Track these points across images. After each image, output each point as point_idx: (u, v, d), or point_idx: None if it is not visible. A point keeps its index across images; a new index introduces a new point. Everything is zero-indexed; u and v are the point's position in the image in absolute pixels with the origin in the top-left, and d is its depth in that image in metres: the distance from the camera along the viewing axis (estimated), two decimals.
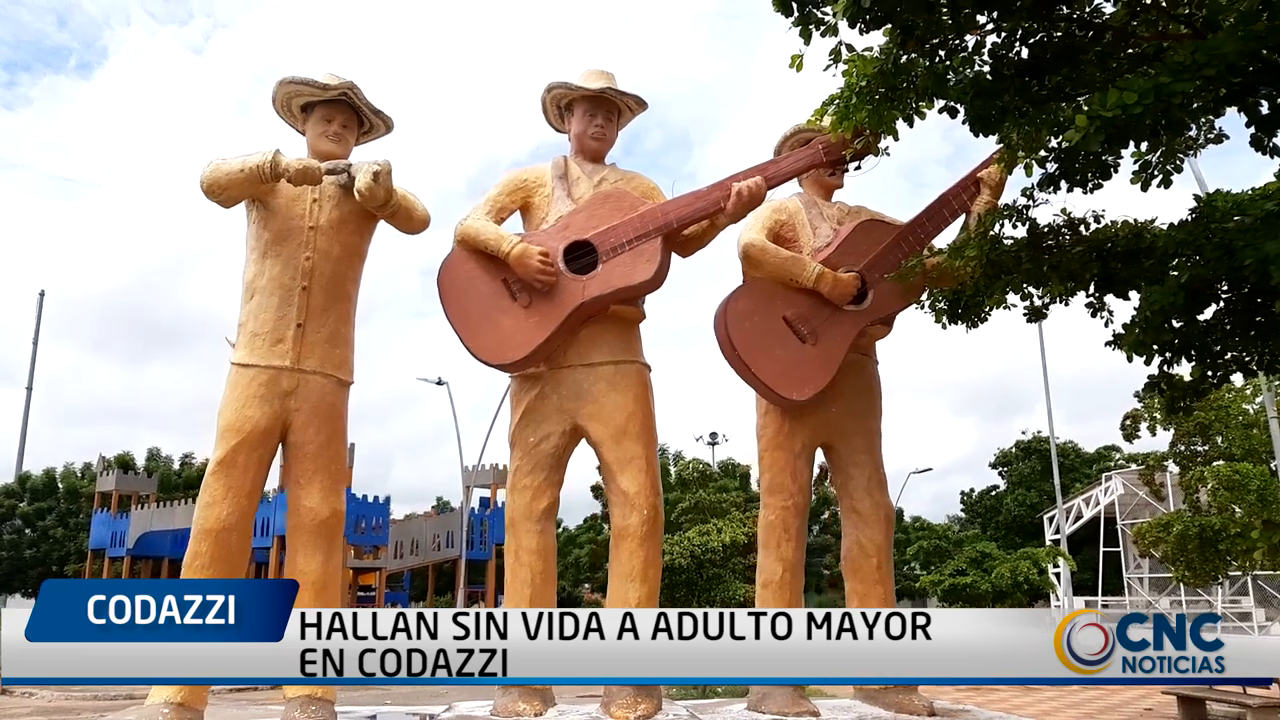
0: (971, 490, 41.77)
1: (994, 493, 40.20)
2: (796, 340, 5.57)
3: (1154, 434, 17.87)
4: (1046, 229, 5.11)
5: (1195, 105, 3.73)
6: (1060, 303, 5.67)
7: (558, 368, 5.51)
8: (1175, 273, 5.10)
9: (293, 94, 5.54)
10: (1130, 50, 4.28)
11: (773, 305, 5.60)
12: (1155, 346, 4.93)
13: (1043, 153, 5.15)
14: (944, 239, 5.94)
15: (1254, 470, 15.56)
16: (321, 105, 5.55)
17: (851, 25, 4.17)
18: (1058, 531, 30.84)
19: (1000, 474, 40.33)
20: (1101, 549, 31.62)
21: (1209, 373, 5.56)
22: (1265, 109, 4.00)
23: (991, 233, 5.15)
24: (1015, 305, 5.94)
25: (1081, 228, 5.13)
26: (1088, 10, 4.20)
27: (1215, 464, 16.59)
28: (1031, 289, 5.45)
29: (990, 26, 4.45)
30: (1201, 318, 5.31)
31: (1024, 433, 40.02)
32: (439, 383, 26.30)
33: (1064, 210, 5.11)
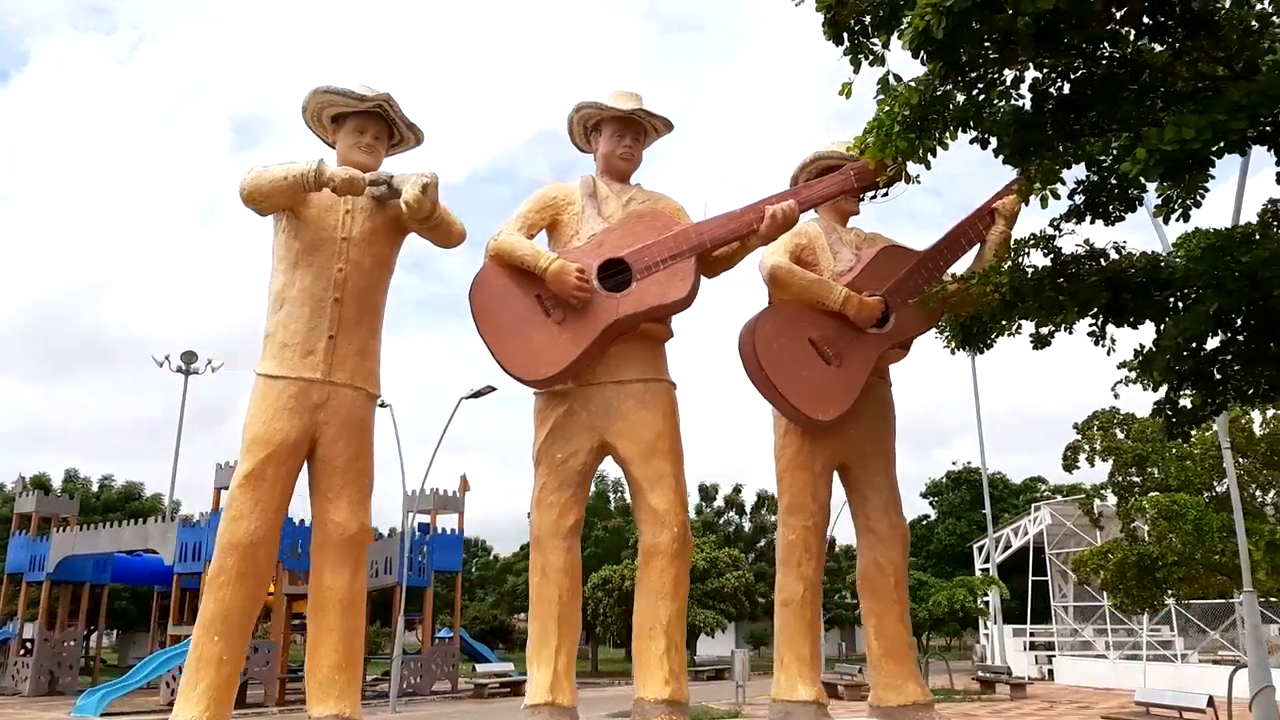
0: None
1: (925, 522, 41.04)
2: (822, 362, 5.68)
3: (1092, 465, 18.40)
4: (1070, 258, 5.32)
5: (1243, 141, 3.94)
6: (1065, 331, 5.89)
7: (586, 384, 5.52)
8: (1183, 303, 5.36)
9: (325, 104, 5.49)
10: (1166, 90, 4.49)
11: (799, 327, 5.71)
12: (1177, 372, 5.13)
13: (1059, 186, 5.40)
14: (959, 266, 6.13)
15: (1191, 501, 16.18)
16: (355, 116, 5.51)
17: (914, 55, 4.30)
18: (987, 560, 31.53)
19: (931, 504, 41.25)
20: (1031, 578, 32.38)
21: (1209, 400, 5.82)
22: None
23: (1018, 260, 5.35)
24: (1019, 333, 6.14)
25: (1102, 259, 5.34)
26: (1130, 50, 4.41)
27: (1152, 494, 17.18)
28: (1045, 316, 5.65)
29: (1031, 62, 4.63)
30: (1207, 347, 5.56)
31: (954, 463, 41.03)
32: (381, 404, 25.83)
33: (1087, 241, 5.33)
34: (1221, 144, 3.84)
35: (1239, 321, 5.11)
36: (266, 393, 5.16)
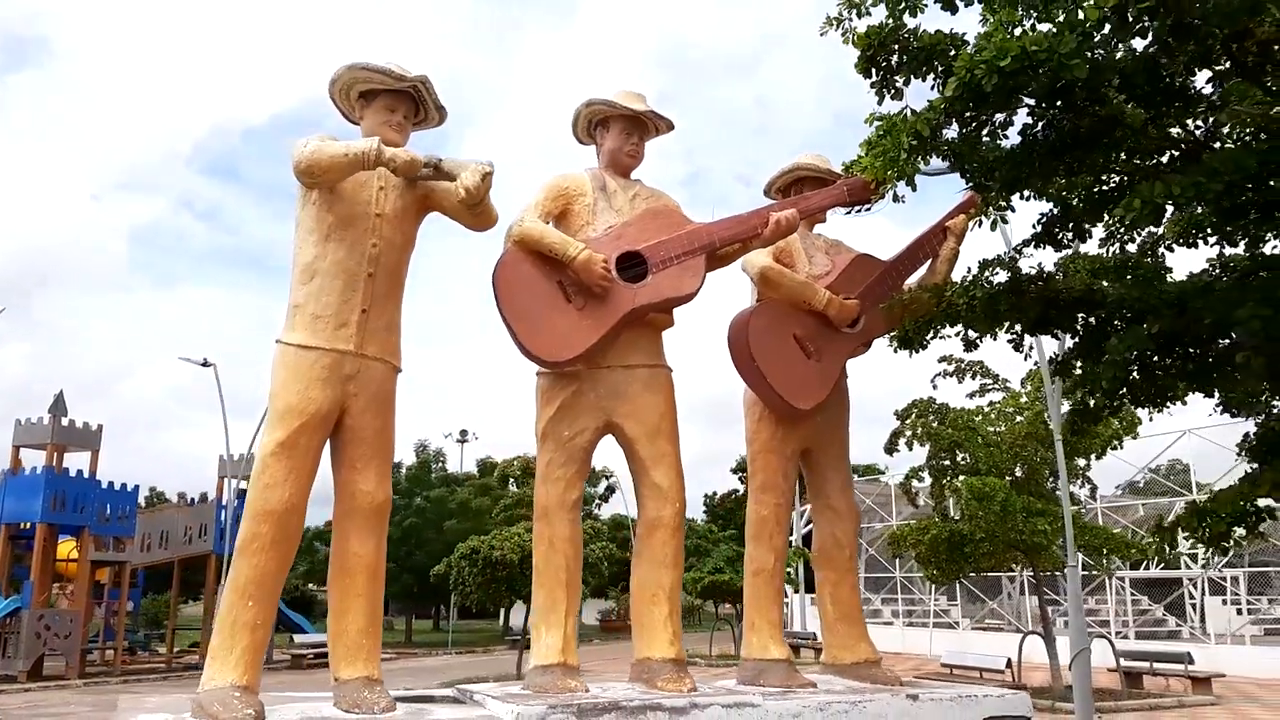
0: (714, 494, 44.78)
1: (735, 496, 43.28)
2: (803, 356, 6.28)
3: (910, 449, 20.10)
4: (1024, 277, 6.16)
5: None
6: (992, 338, 6.77)
7: (596, 367, 5.86)
8: (1106, 324, 6.32)
9: (359, 80, 5.53)
10: (1131, 146, 5.35)
11: (785, 324, 6.28)
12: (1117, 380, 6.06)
13: (1009, 213, 6.25)
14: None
15: (998, 484, 18.10)
16: (386, 94, 5.58)
17: (954, 101, 4.93)
18: (791, 533, 33.66)
19: (740, 479, 43.62)
20: None
21: (1108, 403, 6.86)
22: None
23: (984, 276, 6.15)
24: (949, 336, 6.94)
25: (1046, 280, 6.21)
26: (1113, 110, 5.21)
27: (962, 477, 19.05)
28: (988, 325, 6.48)
29: (1029, 110, 5.38)
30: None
31: None
32: (204, 364, 24.62)
33: (1039, 265, 6.18)
34: (1202, 199, 4.68)
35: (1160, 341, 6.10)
36: (299, 363, 5.21)
